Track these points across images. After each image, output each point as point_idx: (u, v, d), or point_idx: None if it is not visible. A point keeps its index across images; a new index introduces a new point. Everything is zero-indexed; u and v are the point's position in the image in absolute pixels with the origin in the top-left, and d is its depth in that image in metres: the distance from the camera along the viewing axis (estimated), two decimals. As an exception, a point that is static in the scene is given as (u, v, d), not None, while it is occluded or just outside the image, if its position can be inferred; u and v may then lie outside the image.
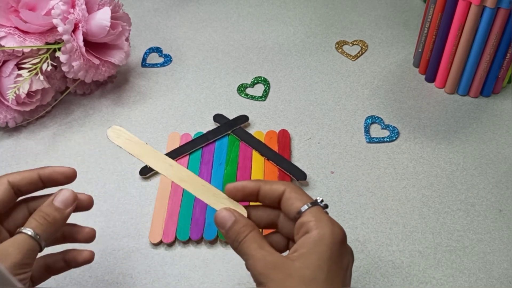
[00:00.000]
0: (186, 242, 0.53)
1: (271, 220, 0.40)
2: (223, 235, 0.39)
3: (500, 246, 0.52)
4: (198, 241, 0.53)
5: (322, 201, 0.39)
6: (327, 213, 0.38)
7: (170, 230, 0.53)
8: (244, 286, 0.50)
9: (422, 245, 0.52)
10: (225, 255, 0.52)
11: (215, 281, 0.50)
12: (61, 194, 0.40)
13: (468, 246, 0.52)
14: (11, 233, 0.39)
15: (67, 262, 0.42)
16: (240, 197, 0.40)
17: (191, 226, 0.53)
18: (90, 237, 0.42)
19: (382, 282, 0.50)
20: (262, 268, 0.35)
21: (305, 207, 0.37)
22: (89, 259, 0.42)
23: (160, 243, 0.53)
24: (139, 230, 0.54)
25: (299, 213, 0.37)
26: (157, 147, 0.62)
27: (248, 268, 0.37)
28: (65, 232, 0.42)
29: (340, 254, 0.36)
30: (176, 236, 0.53)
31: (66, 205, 0.40)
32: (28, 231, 0.37)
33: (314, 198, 0.39)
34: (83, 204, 0.42)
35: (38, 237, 0.37)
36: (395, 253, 0.52)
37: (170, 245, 0.53)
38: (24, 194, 0.41)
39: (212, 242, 0.53)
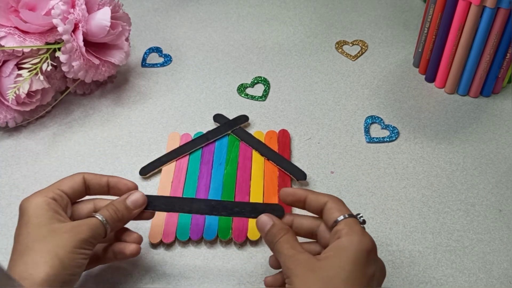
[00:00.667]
0: (186, 242, 0.53)
1: (311, 229, 0.45)
2: (264, 238, 0.44)
3: (500, 246, 0.52)
4: (198, 241, 0.53)
5: (361, 216, 0.43)
6: (363, 227, 0.42)
7: (170, 230, 0.53)
8: (244, 286, 0.50)
9: (422, 245, 0.52)
10: (225, 255, 0.52)
11: (215, 281, 0.50)
12: (134, 195, 0.46)
13: (468, 246, 0.52)
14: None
15: (115, 253, 0.47)
16: (290, 201, 0.46)
17: (191, 226, 0.53)
18: (134, 252, 0.47)
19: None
20: (289, 264, 0.40)
21: (342, 217, 0.41)
22: (136, 252, 0.46)
23: (160, 243, 0.53)
24: (139, 230, 0.54)
25: (336, 222, 0.41)
26: (157, 147, 0.62)
27: (281, 266, 0.41)
28: (117, 234, 0.48)
29: (367, 262, 0.39)
30: (176, 236, 0.53)
31: (135, 206, 0.46)
32: (100, 216, 0.44)
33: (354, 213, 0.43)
34: (146, 215, 0.48)
35: (107, 225, 0.44)
36: (395, 253, 0.52)
37: (170, 245, 0.53)
38: (91, 193, 0.47)
39: (212, 242, 0.53)
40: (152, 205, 0.48)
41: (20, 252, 0.41)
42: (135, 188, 0.47)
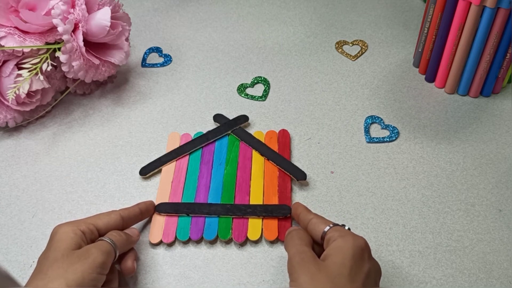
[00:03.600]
0: (186, 242, 0.53)
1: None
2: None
3: (500, 246, 0.52)
4: (198, 241, 0.53)
5: (344, 225, 0.47)
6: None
7: (170, 230, 0.53)
8: (244, 286, 0.50)
9: (422, 245, 0.52)
10: (225, 255, 0.52)
11: (215, 281, 0.50)
12: (132, 229, 0.51)
13: (468, 246, 0.52)
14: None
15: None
16: (293, 215, 0.52)
17: (191, 226, 0.53)
18: (129, 270, 0.49)
19: (382, 282, 0.50)
20: (298, 259, 0.43)
21: (327, 227, 0.45)
22: (131, 269, 0.49)
23: (160, 243, 0.53)
24: (139, 230, 0.54)
25: (324, 232, 0.45)
26: (157, 147, 0.62)
27: (289, 259, 0.44)
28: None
29: (361, 258, 0.42)
30: (176, 236, 0.53)
31: (134, 235, 0.51)
32: (107, 239, 0.46)
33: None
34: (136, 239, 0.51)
35: (114, 244, 0.46)
36: (395, 253, 0.52)
37: (170, 245, 0.53)
38: (130, 225, 0.52)
39: (212, 242, 0.53)
40: (178, 211, 0.54)
41: (36, 274, 0.43)
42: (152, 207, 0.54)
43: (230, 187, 0.56)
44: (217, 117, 0.64)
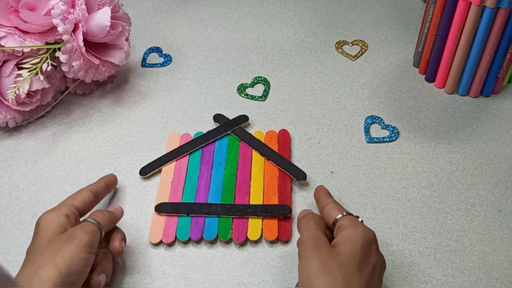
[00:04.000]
0: (186, 242, 0.53)
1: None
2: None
3: (500, 246, 0.52)
4: (198, 241, 0.53)
5: (358, 217, 0.47)
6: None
7: (170, 230, 0.53)
8: (244, 286, 0.50)
9: (422, 245, 0.52)
10: (225, 255, 0.52)
11: (215, 281, 0.50)
12: (115, 206, 0.52)
13: (468, 246, 0.52)
14: None
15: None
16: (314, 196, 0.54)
17: (191, 226, 0.53)
18: (117, 250, 0.49)
19: (382, 282, 0.50)
20: (311, 243, 0.43)
21: (340, 215, 0.46)
22: (119, 250, 0.49)
23: (160, 243, 0.53)
24: (139, 230, 0.54)
25: (336, 219, 0.46)
26: (157, 147, 0.62)
27: (301, 239, 0.45)
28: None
29: (370, 250, 0.43)
30: (176, 236, 0.53)
31: (117, 211, 0.51)
32: (91, 219, 0.47)
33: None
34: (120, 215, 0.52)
35: (98, 223, 0.46)
36: (395, 253, 0.52)
37: (170, 245, 0.53)
38: (101, 198, 0.53)
39: (212, 242, 0.53)
40: (178, 211, 0.54)
41: (25, 263, 0.43)
42: (115, 177, 0.57)
43: (230, 187, 0.56)
44: (217, 117, 0.64)
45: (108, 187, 0.54)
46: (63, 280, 0.41)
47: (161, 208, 0.54)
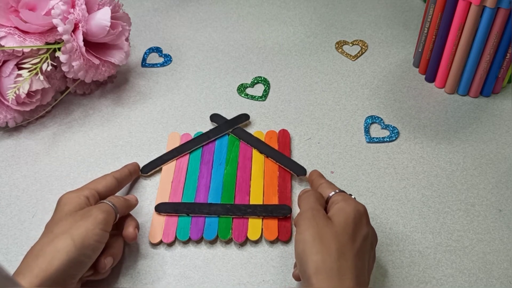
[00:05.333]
0: (186, 242, 0.53)
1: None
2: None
3: (500, 246, 0.52)
4: (198, 241, 0.53)
5: (351, 194, 0.49)
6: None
7: (170, 230, 0.53)
8: (244, 286, 0.50)
9: (422, 245, 0.52)
10: (225, 255, 0.52)
11: (215, 281, 0.50)
12: (130, 196, 0.54)
13: (468, 246, 0.52)
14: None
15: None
16: (309, 180, 0.56)
17: (191, 226, 0.53)
18: (131, 236, 0.51)
19: (382, 282, 0.50)
20: (309, 214, 0.45)
21: (333, 192, 0.49)
22: (133, 235, 0.50)
23: (160, 243, 0.53)
24: (139, 229, 0.54)
25: (329, 197, 0.48)
26: (157, 147, 0.62)
27: (301, 206, 0.48)
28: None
29: (361, 221, 0.45)
30: (176, 236, 0.53)
31: (132, 199, 0.53)
32: (108, 202, 0.49)
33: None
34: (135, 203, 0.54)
35: (113, 205, 0.49)
36: (395, 253, 0.52)
37: (170, 245, 0.53)
38: (124, 185, 0.56)
39: (212, 242, 0.53)
40: (178, 210, 0.54)
41: (43, 234, 0.46)
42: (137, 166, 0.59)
43: (230, 187, 0.56)
44: (214, 117, 0.64)
45: (131, 175, 0.57)
46: (77, 251, 0.43)
47: (161, 208, 0.54)
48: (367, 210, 0.46)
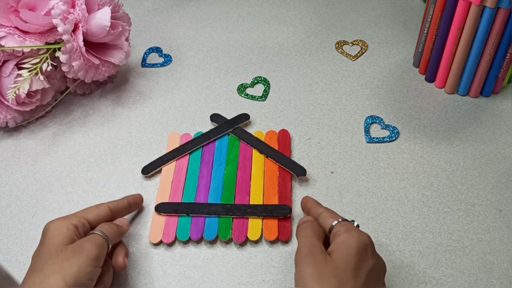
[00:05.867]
0: (186, 242, 0.53)
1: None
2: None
3: (500, 246, 0.52)
4: (198, 241, 0.53)
5: (353, 221, 0.48)
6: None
7: (170, 230, 0.53)
8: (244, 286, 0.50)
9: (422, 245, 0.52)
10: (225, 255, 0.52)
11: (215, 281, 0.50)
12: (121, 219, 0.52)
13: (468, 246, 0.52)
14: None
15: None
16: (302, 208, 0.53)
17: (191, 226, 0.53)
18: (120, 266, 0.48)
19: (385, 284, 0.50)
20: (306, 251, 0.43)
21: (335, 222, 0.46)
22: (123, 265, 0.48)
23: (160, 243, 0.53)
24: (139, 230, 0.54)
25: (332, 226, 0.46)
26: (157, 147, 0.62)
27: (298, 249, 0.45)
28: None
29: (365, 254, 0.42)
30: (176, 236, 0.53)
31: (123, 225, 0.51)
32: (99, 232, 0.46)
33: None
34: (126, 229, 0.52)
35: (106, 237, 0.46)
36: (395, 253, 0.52)
37: (170, 245, 0.53)
38: (119, 217, 0.52)
39: (212, 242, 0.53)
40: (178, 211, 0.54)
41: (31, 271, 0.43)
42: (142, 199, 0.55)
43: (230, 187, 0.56)
44: (214, 117, 0.64)
45: (130, 207, 0.53)
46: None
47: (161, 208, 0.54)
48: (371, 240, 0.44)
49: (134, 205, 0.54)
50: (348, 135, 0.63)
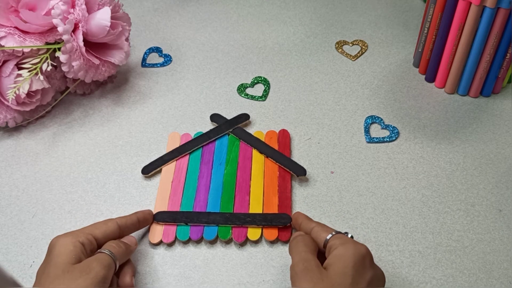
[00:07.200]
0: (186, 242, 0.53)
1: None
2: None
3: (500, 246, 0.52)
4: (198, 241, 0.53)
5: (347, 233, 0.47)
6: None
7: (170, 230, 0.53)
8: (244, 286, 0.50)
9: (422, 245, 0.52)
10: (225, 255, 0.52)
11: (215, 281, 0.50)
12: (129, 238, 0.51)
13: (468, 246, 0.52)
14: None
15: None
16: (293, 224, 0.52)
17: (191, 226, 0.53)
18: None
19: (382, 282, 0.50)
20: (301, 266, 0.42)
21: (330, 235, 0.45)
22: (129, 286, 0.47)
23: (160, 243, 0.53)
24: (139, 230, 0.54)
25: (327, 240, 0.45)
26: (157, 147, 0.62)
27: (292, 263, 0.44)
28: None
29: (363, 266, 0.42)
30: (176, 236, 0.53)
31: (132, 243, 0.50)
32: (107, 251, 0.45)
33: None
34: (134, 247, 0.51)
35: (114, 256, 0.45)
36: (395, 253, 0.52)
37: (170, 245, 0.53)
38: (128, 233, 0.51)
39: (212, 242, 0.53)
40: (176, 219, 0.53)
41: None
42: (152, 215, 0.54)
43: (230, 187, 0.56)
44: (214, 117, 0.64)
45: (139, 224, 0.51)
46: None
47: (159, 218, 0.54)
48: (369, 251, 0.43)
49: (144, 222, 0.52)
50: (348, 135, 0.63)
